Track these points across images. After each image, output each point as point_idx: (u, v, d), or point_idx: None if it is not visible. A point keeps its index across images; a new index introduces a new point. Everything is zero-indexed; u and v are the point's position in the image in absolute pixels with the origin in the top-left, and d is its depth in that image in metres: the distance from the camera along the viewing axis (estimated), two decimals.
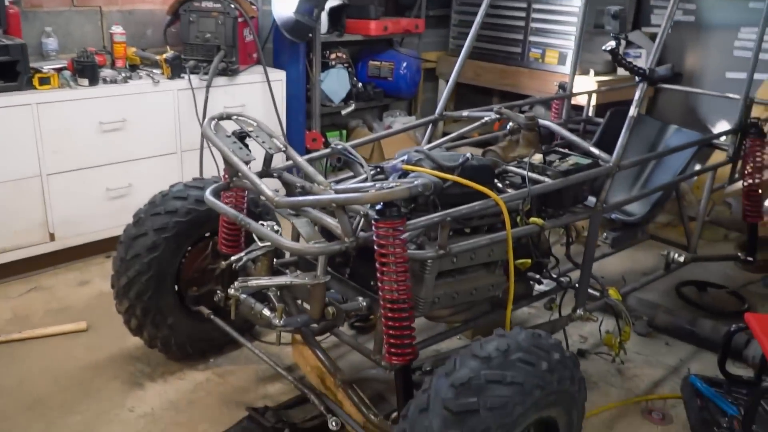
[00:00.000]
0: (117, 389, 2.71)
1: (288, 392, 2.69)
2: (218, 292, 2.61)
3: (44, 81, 3.30)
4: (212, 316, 2.71)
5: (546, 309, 3.32)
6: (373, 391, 2.68)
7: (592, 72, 4.94)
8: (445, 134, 3.26)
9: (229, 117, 2.40)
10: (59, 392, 2.68)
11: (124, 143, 3.64)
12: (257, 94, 4.16)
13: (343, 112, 4.94)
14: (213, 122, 2.33)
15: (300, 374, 2.67)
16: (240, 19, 4.01)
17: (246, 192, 2.47)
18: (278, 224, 2.30)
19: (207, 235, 2.75)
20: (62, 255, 3.62)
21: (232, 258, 2.31)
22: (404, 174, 2.29)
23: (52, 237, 3.52)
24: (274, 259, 2.45)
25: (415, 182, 1.93)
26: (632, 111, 2.64)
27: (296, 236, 2.36)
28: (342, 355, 2.93)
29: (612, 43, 2.68)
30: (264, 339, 3.00)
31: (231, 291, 2.22)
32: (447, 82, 5.66)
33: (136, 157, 3.71)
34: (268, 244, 2.27)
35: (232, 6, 3.96)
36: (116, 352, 2.94)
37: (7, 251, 3.40)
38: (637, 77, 2.67)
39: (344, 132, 5.20)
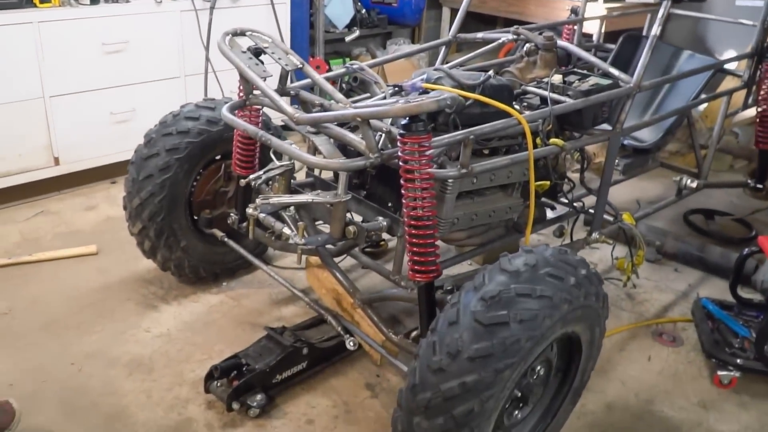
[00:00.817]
0: (131, 311, 2.72)
1: (302, 315, 2.71)
2: (232, 214, 2.59)
3: None
4: (226, 239, 2.69)
5: (555, 236, 3.33)
6: (386, 314, 2.70)
7: None
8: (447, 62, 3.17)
9: (243, 33, 2.32)
10: (73, 313, 2.68)
11: (127, 66, 3.55)
12: (261, 18, 4.04)
13: (347, 39, 4.82)
14: (228, 37, 2.25)
15: (315, 297, 2.68)
16: None
17: (261, 111, 2.41)
18: None
19: (218, 158, 2.71)
20: (67, 180, 3.58)
21: (251, 177, 2.27)
22: (424, 92, 2.23)
23: (56, 161, 3.47)
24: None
25: (443, 95, 1.88)
26: (655, 29, 2.57)
27: (314, 154, 2.32)
28: (355, 280, 2.93)
29: None
30: (276, 264, 3.00)
31: (249, 210, 2.19)
32: (451, 9, 5.57)
33: (139, 81, 3.63)
34: (287, 162, 2.24)
35: None
36: (128, 275, 2.93)
37: (12, 174, 3.36)
38: None
39: (347, 60, 5.08)
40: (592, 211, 2.72)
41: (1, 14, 3.12)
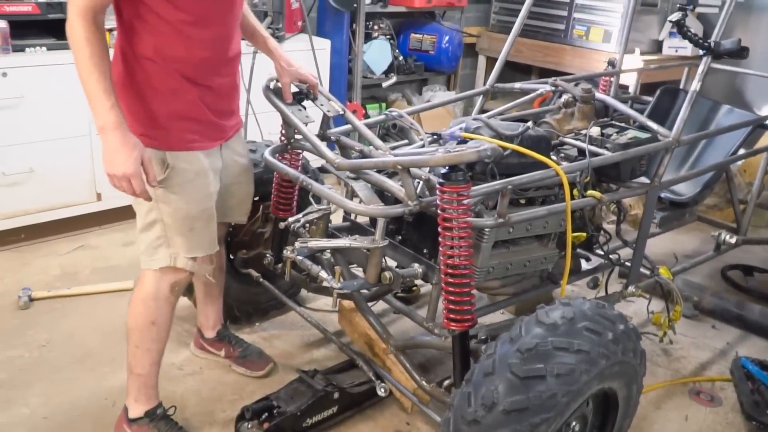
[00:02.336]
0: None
1: (333, 358, 2.70)
2: (268, 255, 2.62)
3: None
4: (261, 280, 2.72)
5: (589, 288, 3.29)
6: (415, 360, 2.68)
7: (637, 51, 4.84)
8: (483, 112, 3.20)
9: None
10: (108, 348, 2.71)
11: None
12: (301, 63, 4.06)
13: (384, 85, 4.90)
14: (272, 83, 2.32)
15: (346, 340, 2.68)
16: None
17: (301, 155, 2.46)
18: None
19: (256, 199, 2.75)
20: (108, 215, 3.65)
21: (290, 219, 2.30)
22: (462, 141, 2.26)
23: (98, 197, 3.55)
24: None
25: (483, 146, 1.90)
26: (695, 85, 2.57)
27: (351, 199, 2.34)
28: (386, 324, 2.92)
29: (678, 14, 2.61)
30: (308, 305, 3.00)
31: (287, 253, 2.21)
32: (487, 57, 5.64)
33: None
34: (326, 206, 2.26)
35: None
36: None
37: (56, 209, 3.45)
38: (701, 50, 2.60)
39: (383, 105, 5.17)
40: (627, 263, 2.69)
41: (52, 54, 3.26)
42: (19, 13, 3.16)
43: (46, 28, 3.30)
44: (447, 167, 1.87)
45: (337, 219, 2.61)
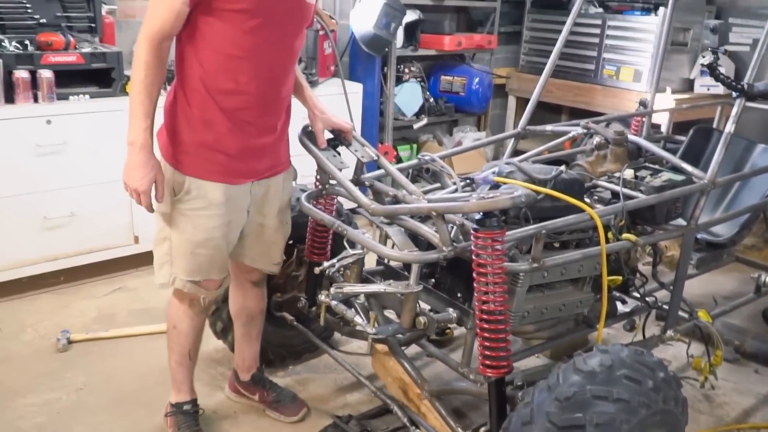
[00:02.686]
0: (199, 391, 2.72)
1: (366, 402, 2.69)
2: (302, 299, 2.64)
3: None
4: (295, 323, 2.73)
5: (626, 330, 3.24)
6: (449, 405, 2.65)
7: (669, 90, 4.83)
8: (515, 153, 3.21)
9: None
10: (144, 391, 2.73)
11: None
12: (334, 106, 4.17)
13: (415, 126, 4.96)
14: (309, 128, 2.36)
15: (380, 384, 2.67)
16: (321, 32, 4.07)
17: (335, 200, 2.49)
18: None
19: (290, 242, 2.78)
20: (145, 258, 3.67)
21: (325, 264, 2.32)
22: (495, 186, 2.27)
23: (136, 240, 3.63)
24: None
25: (517, 192, 1.91)
26: (729, 127, 2.56)
27: (384, 243, 2.35)
28: (420, 367, 2.90)
29: (710, 57, 2.61)
30: (342, 349, 3.00)
31: (321, 297, 2.22)
32: (517, 98, 5.68)
33: None
34: (360, 251, 2.28)
35: (315, 19, 4.02)
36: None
37: (94, 251, 3.52)
38: (734, 93, 2.59)
39: (414, 146, 5.22)
40: (664, 306, 2.65)
41: (95, 102, 3.37)
42: (64, 63, 3.28)
43: (89, 77, 3.42)
44: (481, 213, 1.88)
45: (369, 260, 2.62)
